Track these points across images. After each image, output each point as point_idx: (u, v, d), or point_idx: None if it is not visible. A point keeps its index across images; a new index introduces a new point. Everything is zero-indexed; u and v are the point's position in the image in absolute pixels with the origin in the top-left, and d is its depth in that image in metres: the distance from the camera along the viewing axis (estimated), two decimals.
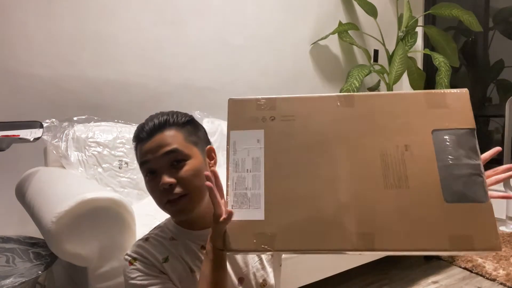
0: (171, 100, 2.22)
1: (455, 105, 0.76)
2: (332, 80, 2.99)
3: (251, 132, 0.76)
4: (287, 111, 0.77)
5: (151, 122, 0.87)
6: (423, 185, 0.71)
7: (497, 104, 3.10)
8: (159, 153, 0.84)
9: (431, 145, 0.73)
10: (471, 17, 2.76)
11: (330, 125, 0.76)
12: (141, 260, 0.85)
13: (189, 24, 2.28)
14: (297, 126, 0.76)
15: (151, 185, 0.86)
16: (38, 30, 1.83)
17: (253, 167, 0.74)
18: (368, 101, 0.78)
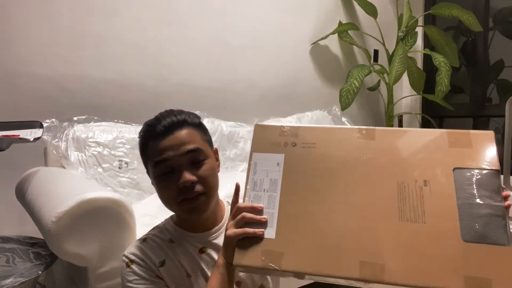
0: (171, 100, 2.22)
1: (479, 146, 0.76)
2: (332, 80, 2.99)
3: (272, 156, 0.80)
4: (308, 139, 0.80)
5: (169, 119, 0.84)
6: (441, 222, 0.69)
7: (497, 104, 3.10)
8: (181, 151, 0.82)
9: (451, 182, 0.72)
10: (471, 17, 2.76)
11: (348, 155, 0.77)
12: (138, 263, 0.84)
13: (189, 24, 2.28)
14: (316, 154, 0.79)
15: (167, 183, 0.82)
16: (38, 30, 1.83)
17: (270, 187, 0.77)
18: (389, 136, 0.79)
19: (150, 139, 0.85)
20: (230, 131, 2.11)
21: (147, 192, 1.70)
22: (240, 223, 0.75)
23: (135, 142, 1.76)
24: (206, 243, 0.89)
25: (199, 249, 0.88)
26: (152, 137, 0.84)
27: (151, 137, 0.85)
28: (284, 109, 2.61)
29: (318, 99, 2.87)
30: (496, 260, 0.65)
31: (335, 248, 0.70)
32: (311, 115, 2.46)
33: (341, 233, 0.71)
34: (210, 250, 0.89)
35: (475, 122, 3.33)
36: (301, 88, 2.81)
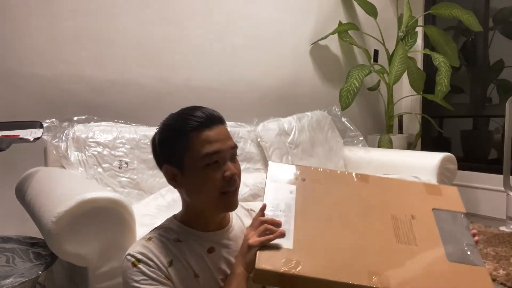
0: (171, 100, 2.22)
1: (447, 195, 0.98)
2: (332, 80, 2.99)
3: (286, 186, 0.93)
4: (316, 177, 0.97)
5: (209, 112, 0.85)
6: (429, 246, 0.85)
7: (497, 104, 3.10)
8: (228, 145, 0.85)
9: (432, 218, 0.91)
10: (471, 17, 2.76)
11: (349, 190, 0.96)
12: (145, 262, 0.81)
13: (189, 24, 2.28)
14: (323, 188, 0.95)
15: (213, 173, 0.82)
16: (38, 30, 1.83)
17: (285, 209, 0.88)
18: (379, 180, 1.00)
19: (192, 129, 0.83)
20: (230, 131, 2.07)
21: (147, 192, 1.70)
22: (263, 233, 0.81)
23: (135, 142, 1.76)
24: (215, 243, 0.88)
25: (208, 249, 0.87)
26: (195, 128, 0.83)
27: (194, 127, 0.83)
28: (284, 109, 2.61)
29: (318, 99, 2.87)
30: (476, 277, 0.81)
31: (346, 259, 0.80)
32: (311, 115, 2.46)
33: (350, 249, 0.82)
34: (218, 249, 0.88)
35: (475, 122, 3.33)
36: (301, 88, 2.81)
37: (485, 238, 2.36)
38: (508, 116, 2.59)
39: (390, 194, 0.96)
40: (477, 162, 3.19)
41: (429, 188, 0.99)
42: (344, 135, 2.58)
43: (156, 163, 0.91)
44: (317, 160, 2.32)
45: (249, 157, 2.09)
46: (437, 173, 2.10)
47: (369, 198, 0.94)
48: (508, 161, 2.63)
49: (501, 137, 3.03)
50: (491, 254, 2.10)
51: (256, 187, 1.54)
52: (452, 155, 2.17)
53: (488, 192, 2.92)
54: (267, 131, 2.21)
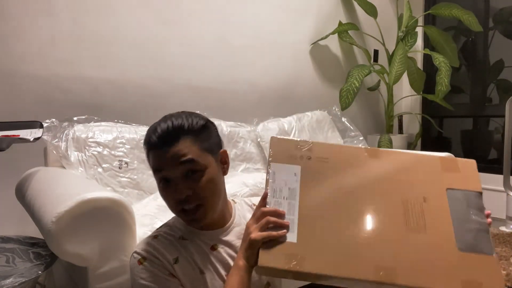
0: (171, 100, 2.22)
1: (465, 171, 0.90)
2: (332, 80, 2.99)
3: (289, 167, 0.86)
4: (322, 154, 0.89)
5: (165, 126, 0.83)
6: (440, 233, 0.81)
7: (497, 104, 3.10)
8: (175, 163, 0.82)
9: (445, 200, 0.85)
10: (471, 17, 2.76)
11: (358, 170, 0.88)
12: (151, 260, 0.83)
13: (189, 24, 2.28)
14: (329, 167, 0.87)
15: (165, 193, 0.85)
16: (38, 30, 1.83)
17: (289, 195, 0.82)
18: (391, 156, 0.91)
19: (149, 149, 0.86)
20: (230, 131, 2.11)
21: (147, 192, 1.70)
22: (265, 227, 0.78)
23: (135, 142, 1.76)
24: (217, 240, 0.90)
25: (211, 246, 0.89)
26: (150, 147, 0.85)
27: (150, 147, 0.85)
28: (284, 109, 2.61)
29: (318, 99, 2.87)
30: (485, 267, 0.78)
31: (352, 254, 0.77)
32: (311, 115, 2.46)
33: (356, 241, 0.79)
34: (221, 247, 0.89)
35: (475, 122, 3.33)
36: (301, 88, 2.81)
37: None
38: (508, 116, 2.59)
39: (402, 172, 0.88)
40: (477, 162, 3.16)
41: (445, 163, 0.91)
42: (344, 135, 2.58)
43: None
44: None
45: (249, 157, 2.09)
46: None
47: (380, 178, 0.87)
48: (508, 161, 2.63)
49: (501, 137, 3.03)
50: None
51: (256, 187, 1.54)
52: (452, 155, 2.17)
53: (488, 192, 2.90)
54: (267, 131, 2.20)
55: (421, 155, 0.93)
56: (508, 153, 2.62)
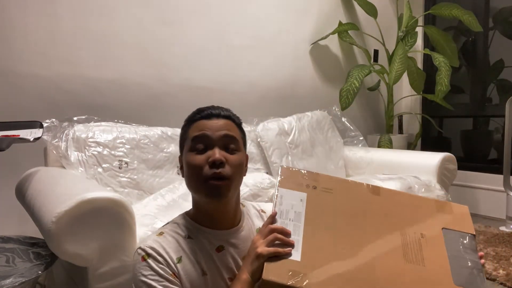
0: (171, 100, 2.22)
1: (458, 214, 0.97)
2: (332, 80, 2.99)
3: (296, 193, 0.91)
4: (327, 185, 0.95)
5: (217, 109, 0.91)
6: (437, 267, 0.85)
7: (497, 104, 3.10)
8: (222, 133, 0.87)
9: (441, 238, 0.91)
10: (471, 17, 2.76)
11: (359, 203, 0.93)
12: (155, 258, 0.83)
13: (189, 24, 2.28)
14: (334, 198, 0.93)
15: (198, 158, 0.85)
16: (38, 30, 1.83)
17: (295, 218, 0.87)
18: (390, 194, 0.97)
19: (194, 120, 0.90)
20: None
21: (147, 192, 1.70)
22: (272, 242, 0.81)
23: (135, 142, 1.76)
24: (224, 242, 0.89)
25: (217, 247, 0.88)
26: (196, 119, 0.90)
27: (195, 119, 0.90)
28: (284, 109, 2.61)
29: (318, 99, 2.87)
30: None
31: (353, 276, 0.80)
32: (311, 115, 2.46)
33: (357, 265, 0.82)
34: (227, 249, 0.89)
35: (475, 122, 3.33)
36: (301, 88, 2.81)
37: (485, 238, 2.36)
38: (508, 116, 2.59)
39: (400, 209, 0.94)
40: (477, 162, 3.19)
41: (440, 205, 0.98)
42: (344, 135, 2.58)
43: None
44: (317, 160, 2.32)
45: (249, 157, 2.08)
46: (437, 173, 2.10)
47: (380, 212, 0.93)
48: (508, 161, 2.63)
49: (501, 137, 3.03)
50: (491, 254, 2.10)
51: (256, 187, 1.54)
52: (452, 155, 2.17)
53: (488, 192, 2.92)
54: (267, 131, 2.21)
55: (417, 196, 1.01)
56: (508, 153, 2.62)
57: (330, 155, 2.40)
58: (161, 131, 1.86)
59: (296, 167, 2.06)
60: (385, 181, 1.95)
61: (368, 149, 2.49)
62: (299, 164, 2.22)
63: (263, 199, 1.53)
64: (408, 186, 1.93)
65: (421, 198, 1.01)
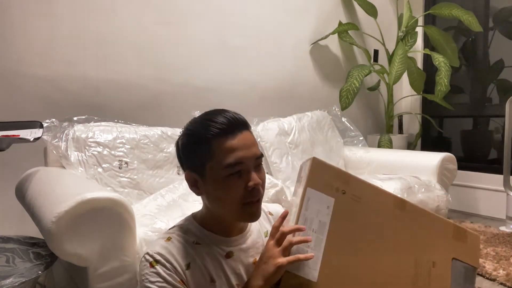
0: (171, 100, 2.22)
1: (470, 243, 0.96)
2: (332, 80, 2.99)
3: (325, 197, 0.84)
4: (357, 191, 0.88)
5: (232, 117, 0.82)
6: None
7: (497, 104, 3.10)
8: (253, 153, 0.81)
9: (449, 269, 0.91)
10: (471, 17, 2.76)
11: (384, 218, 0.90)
12: (163, 264, 0.80)
13: (189, 24, 2.28)
14: (361, 209, 0.88)
15: (236, 182, 0.80)
16: (38, 30, 1.83)
17: (318, 229, 0.82)
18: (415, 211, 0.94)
19: (214, 137, 0.80)
20: None
21: (147, 192, 1.70)
22: (288, 249, 0.78)
23: (135, 142, 1.76)
24: (234, 248, 0.87)
25: (226, 254, 0.86)
26: (217, 135, 0.80)
27: (215, 135, 0.80)
28: (284, 109, 2.61)
29: (318, 99, 2.87)
30: None
31: None
32: (311, 115, 2.46)
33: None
34: (236, 255, 0.87)
35: (475, 122, 3.33)
36: (301, 88, 2.81)
37: (485, 238, 2.36)
38: (508, 116, 2.59)
39: (420, 231, 0.92)
40: (477, 162, 3.19)
41: (457, 231, 0.96)
42: (344, 135, 2.58)
43: (181, 166, 0.90)
44: None
45: None
46: (437, 173, 2.10)
47: (400, 232, 0.90)
48: (508, 161, 2.63)
49: (501, 137, 3.03)
50: (491, 254, 2.10)
51: None
52: (452, 155, 2.17)
53: (488, 192, 2.92)
54: (267, 131, 2.21)
55: (438, 217, 0.98)
56: (508, 153, 2.62)
57: (330, 155, 2.40)
58: (161, 131, 1.86)
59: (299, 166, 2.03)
60: (385, 181, 1.95)
61: (368, 149, 2.49)
62: (299, 164, 2.22)
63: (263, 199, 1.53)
64: (408, 186, 1.93)
65: (441, 220, 0.97)
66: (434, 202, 1.98)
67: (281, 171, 2.14)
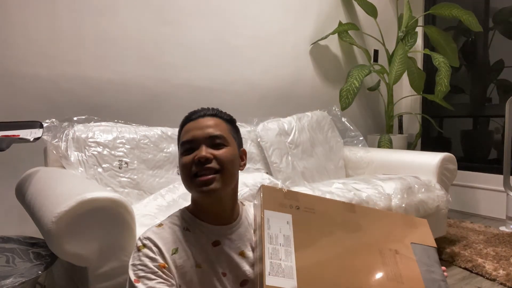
0: (171, 100, 2.22)
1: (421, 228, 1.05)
2: (332, 80, 2.99)
3: (282, 215, 0.91)
4: (308, 205, 0.96)
5: (204, 109, 0.95)
6: (413, 283, 0.91)
7: (497, 104, 3.10)
8: (205, 133, 0.89)
9: (412, 253, 0.97)
10: (471, 17, 2.76)
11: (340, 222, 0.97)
12: (149, 248, 0.84)
13: (189, 24, 2.28)
14: (316, 218, 0.95)
15: (186, 158, 0.89)
16: (38, 30, 1.83)
17: (284, 242, 0.87)
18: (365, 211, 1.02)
19: (183, 125, 0.94)
20: None
21: (147, 192, 1.70)
22: None
23: (135, 142, 1.76)
24: (221, 237, 0.91)
25: (213, 242, 0.90)
26: (185, 123, 0.94)
27: (185, 122, 0.94)
28: (284, 109, 2.62)
29: (318, 99, 2.87)
30: None
31: None
32: (311, 115, 2.46)
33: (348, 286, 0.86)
34: (223, 244, 0.90)
35: (475, 122, 3.33)
36: (301, 88, 2.81)
37: (485, 238, 2.36)
38: (508, 116, 2.59)
39: (375, 226, 1.00)
40: (477, 162, 3.19)
41: (405, 220, 1.05)
42: (344, 135, 2.58)
43: None
44: (317, 160, 2.32)
45: (249, 157, 2.09)
46: (437, 173, 2.10)
47: (357, 230, 0.97)
48: (508, 161, 2.63)
49: (501, 137, 3.03)
50: (491, 254, 2.10)
51: (256, 187, 1.54)
52: (452, 155, 2.17)
53: (488, 192, 2.92)
54: (267, 131, 2.21)
55: (386, 212, 1.09)
56: (508, 153, 2.62)
57: (330, 155, 2.40)
58: (161, 131, 1.86)
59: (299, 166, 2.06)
60: (385, 181, 1.95)
61: (368, 149, 2.49)
62: (299, 164, 2.22)
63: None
64: (408, 186, 1.93)
65: (389, 213, 1.08)
66: (434, 202, 1.98)
67: (281, 171, 2.14)
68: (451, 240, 2.32)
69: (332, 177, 2.31)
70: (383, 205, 1.79)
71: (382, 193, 1.83)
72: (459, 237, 2.38)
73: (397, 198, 1.84)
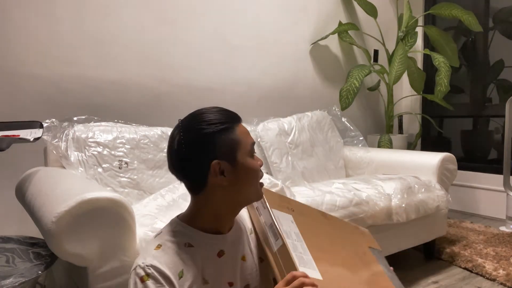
0: (171, 100, 2.22)
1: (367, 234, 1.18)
2: (332, 80, 2.99)
3: (286, 214, 0.97)
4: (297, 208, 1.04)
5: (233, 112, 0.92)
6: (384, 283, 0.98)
7: (497, 104, 3.10)
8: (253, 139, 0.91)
9: (372, 256, 1.06)
10: (471, 17, 2.76)
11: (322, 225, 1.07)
12: (155, 278, 0.76)
13: (189, 24, 2.28)
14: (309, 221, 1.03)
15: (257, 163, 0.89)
16: (38, 30, 1.83)
17: (297, 238, 0.92)
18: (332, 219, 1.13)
19: (235, 122, 0.88)
20: None
21: (147, 192, 1.70)
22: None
23: (135, 142, 1.76)
24: (225, 245, 0.88)
25: (218, 252, 0.86)
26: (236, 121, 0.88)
27: (235, 120, 0.88)
28: (284, 109, 2.61)
29: (318, 99, 2.87)
30: None
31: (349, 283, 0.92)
32: (311, 115, 2.46)
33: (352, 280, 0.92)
34: (227, 253, 0.88)
35: (475, 122, 3.33)
36: (301, 88, 2.81)
37: (485, 238, 2.36)
38: (508, 116, 2.59)
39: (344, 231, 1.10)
40: (477, 162, 3.19)
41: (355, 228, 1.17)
42: (344, 135, 2.58)
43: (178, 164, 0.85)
44: (317, 160, 2.32)
45: None
46: (437, 173, 2.10)
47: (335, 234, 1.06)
48: (508, 161, 2.63)
49: (501, 137, 3.03)
50: (491, 254, 2.10)
51: None
52: (452, 155, 2.17)
53: (488, 192, 2.92)
54: (267, 131, 2.21)
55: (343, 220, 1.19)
56: (508, 153, 2.62)
57: (330, 155, 2.40)
58: (161, 131, 1.86)
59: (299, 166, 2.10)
60: (385, 181, 1.95)
61: (368, 149, 2.49)
62: (299, 164, 2.22)
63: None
64: (408, 186, 1.93)
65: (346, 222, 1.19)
66: (434, 202, 1.98)
67: (281, 171, 2.14)
68: (451, 240, 2.32)
69: (332, 177, 2.31)
70: (383, 205, 1.79)
71: (382, 193, 1.83)
72: (459, 237, 2.38)
73: (397, 198, 1.84)
